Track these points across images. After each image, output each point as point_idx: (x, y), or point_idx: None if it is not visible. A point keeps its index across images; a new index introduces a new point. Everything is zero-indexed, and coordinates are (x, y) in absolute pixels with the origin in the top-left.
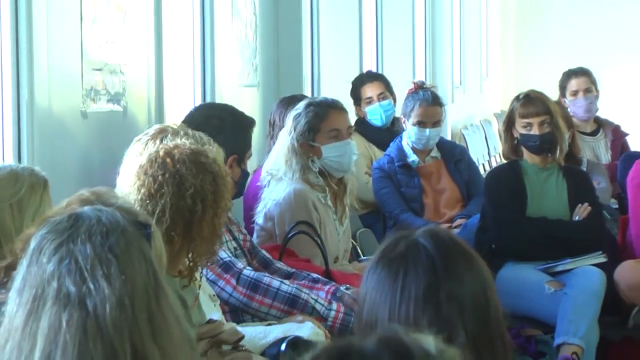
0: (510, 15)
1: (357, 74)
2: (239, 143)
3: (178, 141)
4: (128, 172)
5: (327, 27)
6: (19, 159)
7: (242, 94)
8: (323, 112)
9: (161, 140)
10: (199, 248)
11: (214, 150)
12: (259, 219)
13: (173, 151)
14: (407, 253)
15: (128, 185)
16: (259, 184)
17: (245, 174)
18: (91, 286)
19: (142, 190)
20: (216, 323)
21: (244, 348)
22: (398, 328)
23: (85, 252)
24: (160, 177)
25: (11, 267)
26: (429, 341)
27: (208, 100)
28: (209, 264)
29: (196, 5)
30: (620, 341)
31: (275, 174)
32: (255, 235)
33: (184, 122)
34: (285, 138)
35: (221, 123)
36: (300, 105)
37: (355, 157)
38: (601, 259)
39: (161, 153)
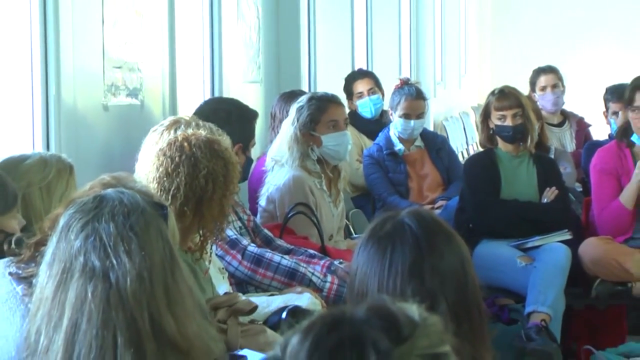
0: (486, 18)
1: (349, 71)
2: (243, 133)
3: (192, 130)
4: (145, 159)
5: (322, 30)
6: (47, 147)
7: (247, 89)
8: (324, 105)
9: (175, 131)
10: (208, 225)
11: (227, 140)
12: (262, 201)
13: (190, 137)
14: (393, 232)
15: (147, 166)
16: (263, 168)
17: (249, 161)
18: (114, 261)
19: (161, 169)
20: (232, 294)
21: (258, 322)
22: (386, 298)
23: (108, 230)
24: (177, 159)
25: (40, 243)
26: (414, 310)
27: (216, 94)
28: (217, 240)
29: (205, 10)
30: (584, 309)
31: (278, 159)
32: (258, 215)
33: (194, 114)
34: (289, 127)
35: (228, 115)
36: (303, 99)
37: (350, 146)
38: (567, 236)
39: (180, 138)
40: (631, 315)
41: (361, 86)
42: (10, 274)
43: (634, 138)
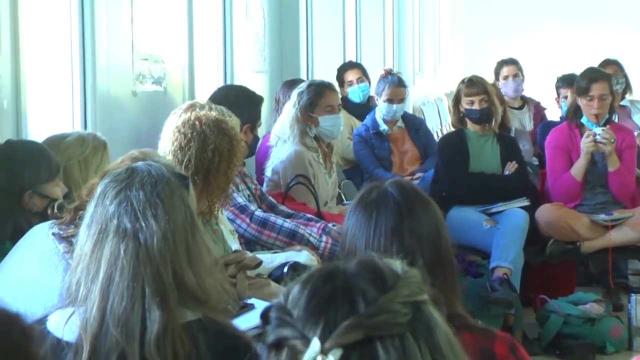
0: (458, 15)
1: (341, 62)
2: (251, 115)
3: (204, 112)
4: (166, 137)
5: (318, 27)
6: (85, 127)
7: (254, 78)
8: (321, 91)
9: (191, 112)
10: (215, 192)
11: (233, 120)
12: (268, 172)
13: (201, 117)
14: (378, 199)
15: (166, 141)
16: (268, 144)
17: (256, 139)
18: (143, 223)
19: (175, 144)
20: (240, 252)
21: (263, 276)
22: (373, 254)
23: (138, 197)
24: (189, 135)
25: (79, 208)
26: (396, 264)
27: (228, 82)
28: (223, 205)
29: (219, 10)
30: (540, 265)
31: (281, 136)
32: (264, 184)
33: (209, 99)
34: (290, 109)
35: (237, 100)
36: (303, 85)
37: (342, 127)
38: (525, 202)
39: (192, 117)
40: (579, 270)
41: (351, 75)
42: (53, 234)
43: (583, 120)
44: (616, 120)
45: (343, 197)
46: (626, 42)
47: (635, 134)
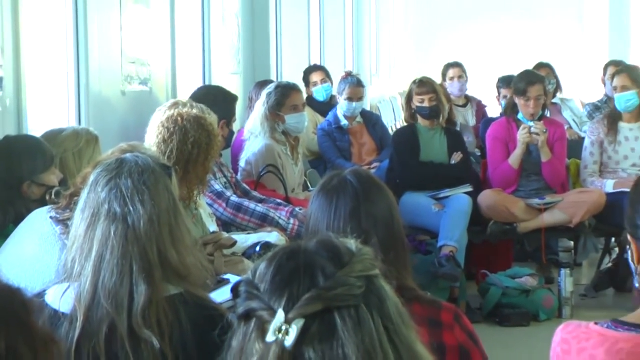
0: (410, 22)
1: (307, 65)
2: (227, 112)
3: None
4: (151, 132)
5: (287, 33)
6: (79, 122)
7: (230, 79)
8: (287, 92)
9: (175, 110)
10: (193, 180)
11: (212, 117)
12: (242, 163)
13: (183, 114)
14: (338, 186)
15: (151, 135)
16: (242, 138)
17: (231, 133)
18: (131, 208)
19: (159, 137)
20: (217, 233)
21: (238, 255)
22: (332, 235)
23: (127, 184)
24: (172, 129)
25: (74, 195)
26: (352, 243)
27: (207, 83)
28: (202, 192)
29: (198, 19)
30: (482, 243)
31: (254, 132)
32: (239, 173)
33: (190, 97)
34: (260, 108)
35: (215, 98)
36: (272, 86)
37: (307, 123)
38: (469, 189)
39: (175, 114)
40: (516, 248)
41: (316, 77)
42: (51, 217)
43: (520, 116)
44: (548, 116)
45: (309, 184)
46: (557, 46)
47: (565, 127)
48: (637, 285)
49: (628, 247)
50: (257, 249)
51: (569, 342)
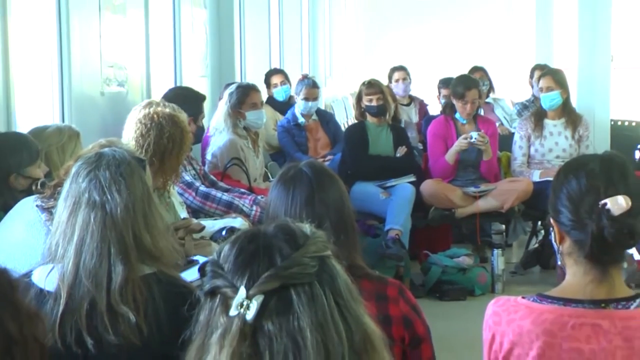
0: (359, 29)
1: (268, 68)
2: (195, 109)
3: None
4: (128, 128)
5: (249, 40)
6: (62, 120)
7: (199, 81)
8: (247, 91)
9: (148, 108)
10: (168, 171)
11: (183, 115)
12: (208, 156)
13: (159, 112)
14: (295, 176)
15: (129, 131)
16: (208, 134)
17: (201, 129)
18: (109, 197)
19: (137, 132)
20: (188, 219)
21: (206, 238)
22: (288, 220)
23: (105, 175)
24: (149, 125)
25: (57, 185)
26: (306, 227)
27: (178, 84)
28: (175, 182)
29: (170, 27)
30: (424, 227)
31: (217, 128)
32: (206, 165)
33: (162, 97)
34: (223, 106)
35: (185, 98)
36: (233, 86)
37: (265, 119)
38: (412, 178)
39: (151, 112)
40: (454, 231)
41: (276, 79)
42: (37, 206)
43: (457, 116)
44: (482, 114)
45: (269, 175)
46: (490, 51)
47: (497, 124)
48: (559, 262)
49: (551, 229)
50: (223, 233)
51: (499, 314)
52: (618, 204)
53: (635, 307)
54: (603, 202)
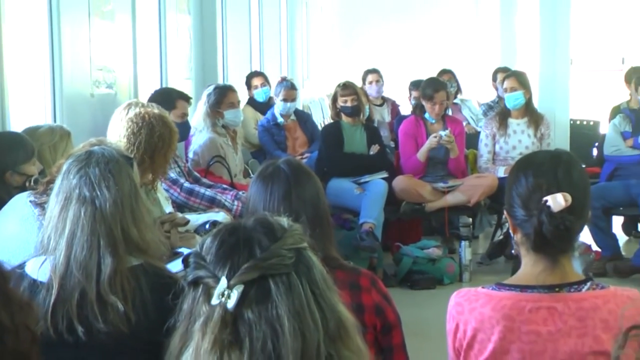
0: (336, 33)
1: (249, 71)
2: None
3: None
4: (113, 127)
5: (231, 44)
6: (55, 120)
7: (184, 83)
8: (224, 92)
9: (128, 110)
10: (157, 169)
11: (170, 116)
12: (191, 154)
13: (149, 112)
14: (273, 173)
15: (120, 129)
16: (191, 133)
17: (188, 127)
18: (98, 192)
19: (129, 131)
20: (173, 213)
21: (190, 232)
22: (267, 214)
23: (95, 172)
24: (140, 124)
25: (50, 182)
26: (284, 221)
27: (164, 86)
28: (163, 179)
29: (156, 32)
30: (395, 220)
31: (198, 127)
32: (189, 163)
33: (149, 100)
34: (202, 107)
35: (169, 98)
36: (210, 88)
37: (242, 117)
38: (385, 175)
39: (142, 111)
40: (424, 224)
41: (256, 81)
42: (30, 201)
43: (426, 116)
44: (450, 114)
45: (250, 172)
46: (457, 54)
47: (464, 123)
48: (513, 251)
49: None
50: (207, 226)
51: (461, 304)
52: (557, 201)
53: (587, 290)
54: (544, 199)
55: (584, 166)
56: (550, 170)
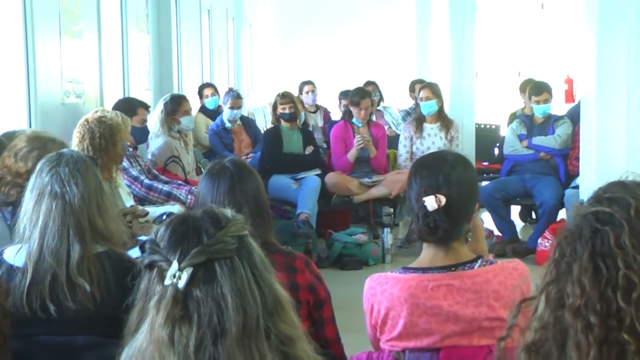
0: (277, 48)
1: (200, 82)
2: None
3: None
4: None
5: (185, 59)
6: (30, 126)
7: (144, 93)
8: (179, 101)
9: (85, 116)
10: (109, 164)
11: (120, 118)
12: (149, 155)
13: (89, 118)
14: (220, 170)
15: (74, 141)
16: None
17: (147, 131)
18: (68, 188)
19: (77, 139)
20: (134, 206)
21: (150, 222)
22: (213, 206)
23: (65, 171)
24: (82, 131)
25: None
26: (228, 212)
27: (126, 95)
28: (120, 172)
29: (119, 48)
30: (328, 211)
31: (155, 132)
32: (149, 162)
33: (113, 107)
34: (159, 114)
35: (131, 106)
36: (166, 97)
37: (194, 124)
38: (318, 172)
39: (83, 120)
40: (352, 214)
41: (207, 91)
42: None
43: (354, 120)
44: (374, 119)
45: (202, 170)
46: (380, 67)
47: (386, 127)
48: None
49: None
50: (164, 217)
51: (374, 287)
52: (431, 203)
53: (479, 267)
54: (423, 199)
55: (486, 163)
56: (432, 174)
